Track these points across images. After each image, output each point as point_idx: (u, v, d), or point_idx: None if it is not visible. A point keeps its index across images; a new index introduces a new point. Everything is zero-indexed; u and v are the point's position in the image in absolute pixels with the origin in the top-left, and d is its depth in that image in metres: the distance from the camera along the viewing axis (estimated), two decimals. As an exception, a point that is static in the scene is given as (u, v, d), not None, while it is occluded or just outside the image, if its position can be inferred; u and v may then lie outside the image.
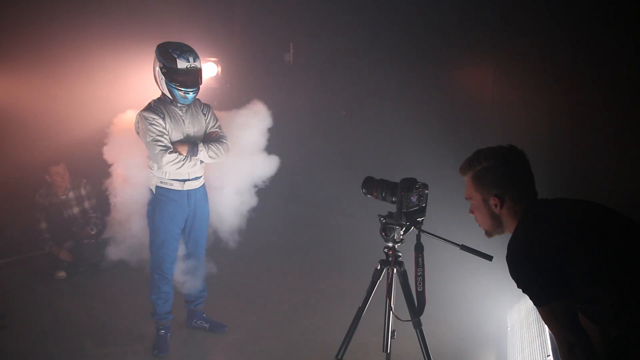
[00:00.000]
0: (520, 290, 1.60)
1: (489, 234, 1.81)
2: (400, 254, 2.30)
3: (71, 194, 4.45)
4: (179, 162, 2.94)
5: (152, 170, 3.03)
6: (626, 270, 1.51)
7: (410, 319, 2.28)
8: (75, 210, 4.49)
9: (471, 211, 1.82)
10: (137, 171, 3.17)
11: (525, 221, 1.67)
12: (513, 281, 1.64)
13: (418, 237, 2.15)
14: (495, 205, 1.71)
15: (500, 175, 1.70)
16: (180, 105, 3.01)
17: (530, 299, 1.59)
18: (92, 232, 4.44)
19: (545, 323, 1.60)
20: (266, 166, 3.40)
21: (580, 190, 3.23)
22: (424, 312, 2.21)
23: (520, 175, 1.71)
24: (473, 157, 1.75)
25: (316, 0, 4.98)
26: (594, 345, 1.52)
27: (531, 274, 1.57)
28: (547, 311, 1.55)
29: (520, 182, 1.71)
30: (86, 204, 4.53)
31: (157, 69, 2.93)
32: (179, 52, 2.89)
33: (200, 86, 3.03)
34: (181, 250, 3.25)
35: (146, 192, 3.11)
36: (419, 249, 2.13)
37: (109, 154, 3.33)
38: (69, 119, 4.51)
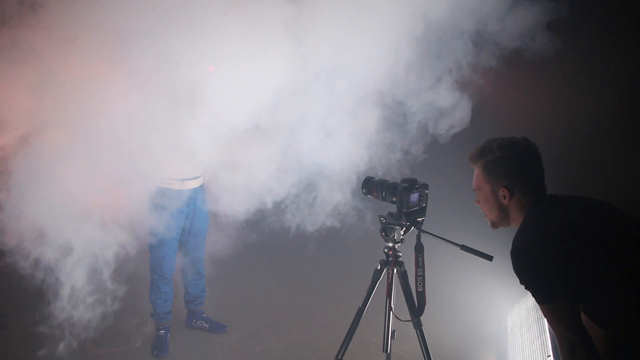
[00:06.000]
0: (523, 287, 1.59)
1: (494, 225, 1.79)
2: (400, 254, 2.30)
3: None
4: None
5: None
6: (630, 274, 1.49)
7: (410, 319, 2.28)
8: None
9: (477, 201, 1.80)
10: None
11: (532, 217, 1.65)
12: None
13: (418, 237, 2.15)
14: (504, 197, 1.70)
15: (512, 167, 1.68)
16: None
17: (533, 296, 1.59)
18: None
19: (547, 321, 1.59)
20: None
21: (580, 190, 3.22)
22: (424, 312, 2.21)
23: (532, 168, 1.70)
24: (485, 147, 1.73)
25: None
26: (595, 346, 1.52)
27: (534, 272, 1.56)
28: (549, 309, 1.54)
29: (532, 175, 1.70)
30: None
31: None
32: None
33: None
34: (181, 249, 3.25)
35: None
36: (419, 249, 2.13)
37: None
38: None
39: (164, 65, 2.76)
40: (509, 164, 1.69)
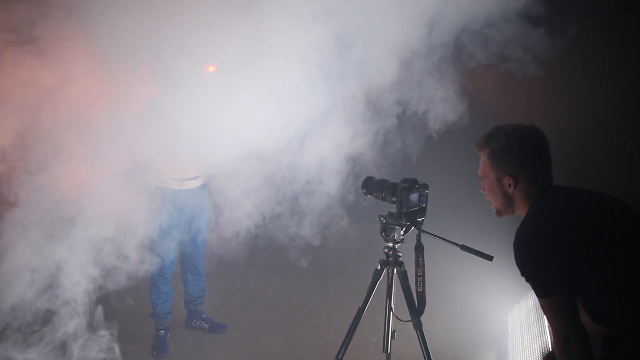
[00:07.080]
0: (524, 279, 1.58)
1: (499, 212, 1.76)
2: (400, 254, 2.29)
3: None
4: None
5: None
6: (631, 270, 1.49)
7: (410, 319, 2.28)
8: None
9: (483, 189, 1.77)
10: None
11: (537, 209, 1.63)
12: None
13: (418, 237, 2.14)
14: (509, 185, 1.66)
15: (518, 155, 1.65)
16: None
17: (532, 289, 1.58)
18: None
19: (545, 315, 1.58)
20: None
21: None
22: (424, 312, 2.20)
23: (538, 157, 1.66)
24: (492, 134, 1.69)
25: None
26: (590, 343, 1.51)
27: (535, 265, 1.55)
28: (548, 304, 1.53)
29: (538, 164, 1.66)
30: None
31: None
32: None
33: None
34: (181, 249, 3.25)
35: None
36: (419, 249, 2.13)
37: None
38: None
39: (164, 67, 2.76)
40: (515, 152, 1.65)
